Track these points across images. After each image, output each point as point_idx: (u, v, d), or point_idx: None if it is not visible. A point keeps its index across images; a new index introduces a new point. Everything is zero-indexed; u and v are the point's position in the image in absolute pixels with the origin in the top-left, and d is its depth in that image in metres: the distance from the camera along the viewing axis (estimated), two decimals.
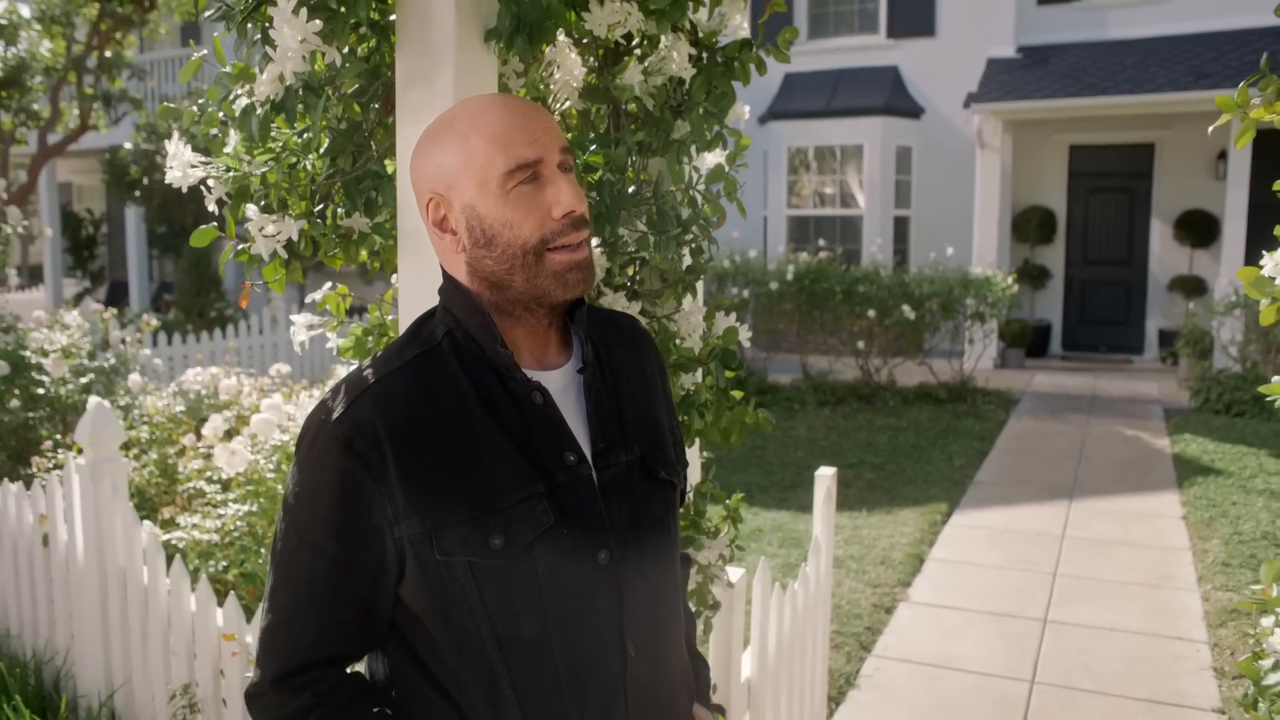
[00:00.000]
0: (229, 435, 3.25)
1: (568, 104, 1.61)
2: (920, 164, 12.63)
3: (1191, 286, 11.72)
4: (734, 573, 2.28)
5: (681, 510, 1.96)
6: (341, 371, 3.28)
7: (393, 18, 1.42)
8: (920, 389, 9.81)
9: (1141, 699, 3.75)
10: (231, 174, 1.46)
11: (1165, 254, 12.14)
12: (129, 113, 8.92)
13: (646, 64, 1.66)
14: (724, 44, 1.86)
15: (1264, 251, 1.72)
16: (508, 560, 1.14)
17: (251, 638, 2.35)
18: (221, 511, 2.86)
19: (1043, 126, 12.03)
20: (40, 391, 4.27)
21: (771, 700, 2.57)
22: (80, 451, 3.00)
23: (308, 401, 3.19)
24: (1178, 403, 9.33)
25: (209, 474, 3.18)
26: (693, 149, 1.80)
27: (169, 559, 2.82)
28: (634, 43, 1.67)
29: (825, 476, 3.12)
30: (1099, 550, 5.35)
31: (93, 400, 3.06)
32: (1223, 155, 11.22)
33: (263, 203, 1.46)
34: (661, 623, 1.29)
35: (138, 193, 10.21)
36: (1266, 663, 1.56)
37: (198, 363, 6.05)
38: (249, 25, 1.31)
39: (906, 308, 9.32)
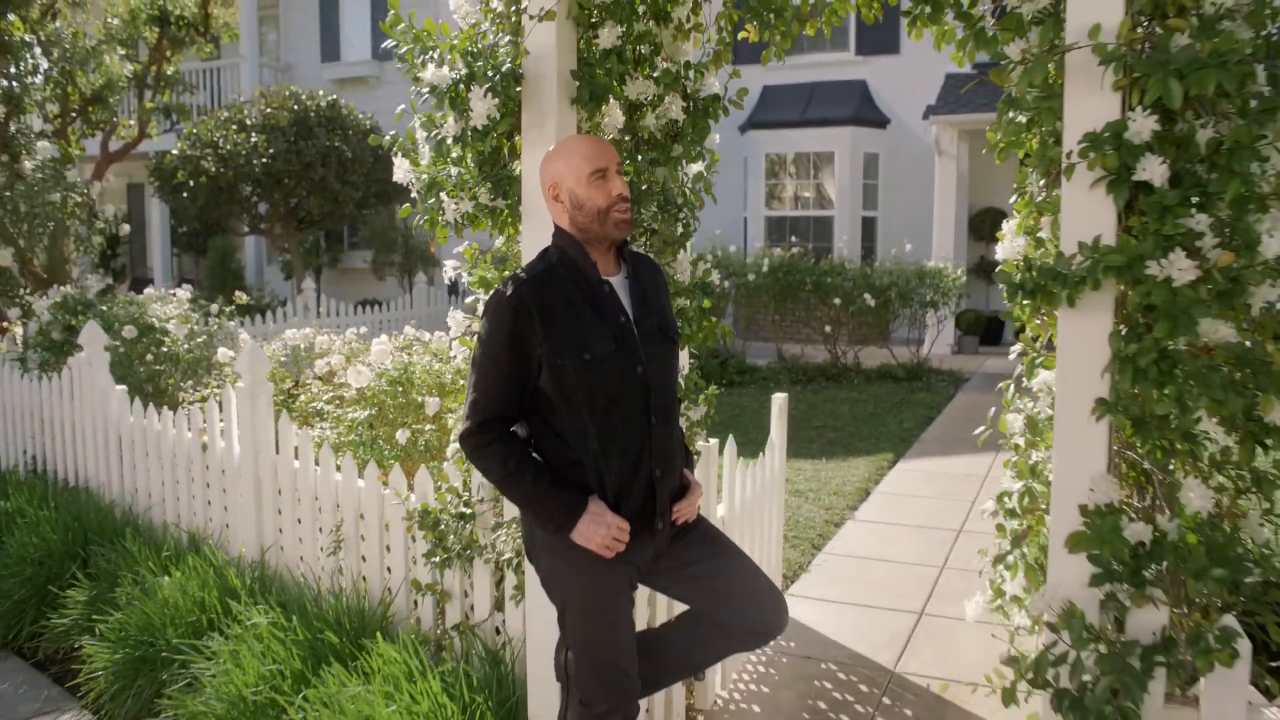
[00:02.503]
0: (346, 366, 4.40)
1: (611, 136, 2.76)
2: (886, 169, 13.85)
3: None
4: (712, 442, 3.44)
5: (681, 388, 3.11)
6: (434, 334, 4.44)
7: (519, 89, 2.57)
8: (882, 369, 11.02)
9: None
10: (425, 176, 2.62)
11: None
12: (179, 123, 10.02)
13: (656, 112, 2.82)
14: (704, 96, 3.03)
15: None
16: (592, 366, 2.29)
17: (388, 490, 3.49)
18: (354, 415, 4.00)
19: None
20: (163, 350, 5.39)
21: (738, 537, 3.73)
22: (238, 380, 4.13)
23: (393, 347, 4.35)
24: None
25: (328, 394, 4.31)
26: (684, 162, 2.96)
27: (315, 450, 3.95)
28: (649, 99, 2.83)
29: (779, 398, 4.29)
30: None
31: (222, 350, 4.19)
32: None
33: (443, 192, 2.61)
34: (668, 414, 2.45)
35: (185, 194, 11.34)
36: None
37: (292, 326, 7.18)
38: (448, 99, 2.45)
39: (868, 295, 10.52)
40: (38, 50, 8.02)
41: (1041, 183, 2.27)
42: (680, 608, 2.64)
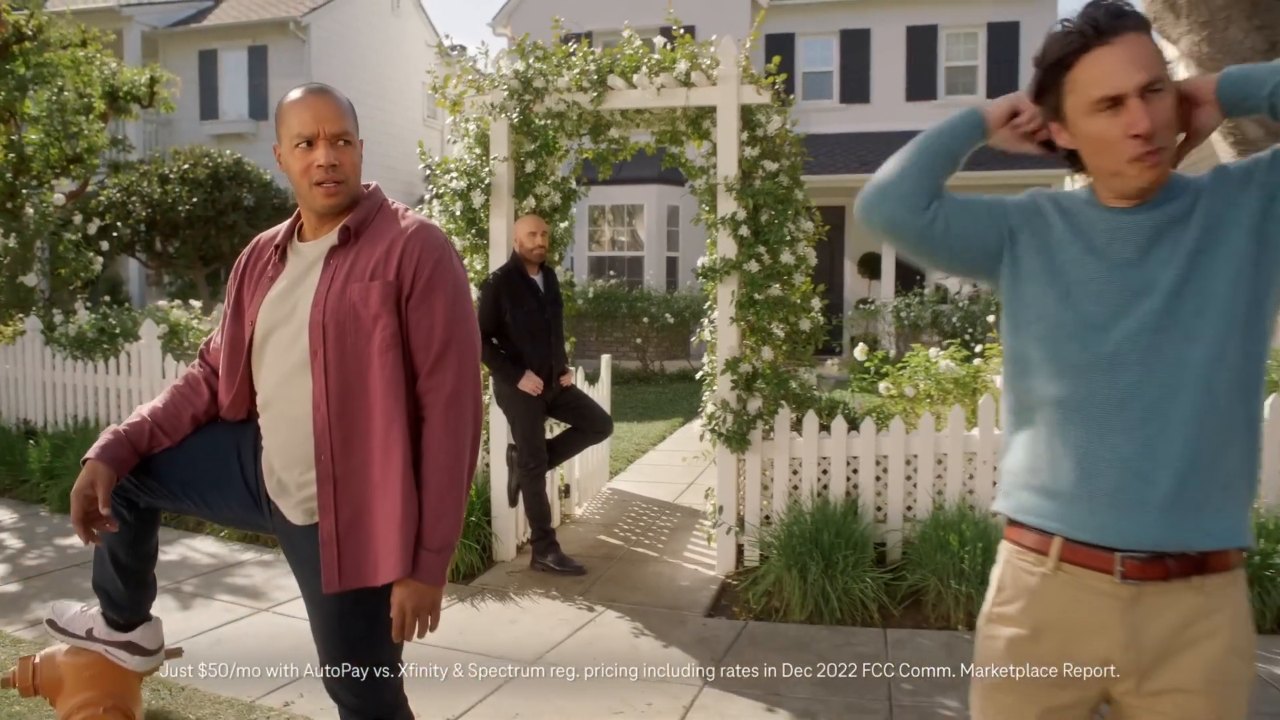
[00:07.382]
0: None
1: (529, 211, 5.80)
2: (685, 218, 17.34)
3: (868, 304, 16.91)
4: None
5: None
6: None
7: (490, 189, 5.55)
8: (681, 373, 14.35)
9: None
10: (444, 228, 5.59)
11: (854, 284, 17.34)
12: (112, 176, 12.24)
13: (548, 200, 5.88)
14: (569, 189, 6.12)
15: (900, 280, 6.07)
16: (526, 314, 5.32)
17: None
18: None
19: None
20: (189, 341, 7.92)
21: None
22: None
23: None
24: (843, 376, 14.26)
25: None
26: (559, 223, 6.04)
27: None
28: (545, 194, 5.87)
29: (605, 357, 7.40)
30: None
31: None
32: None
33: (454, 236, 5.56)
34: (560, 338, 5.51)
35: (114, 234, 13.56)
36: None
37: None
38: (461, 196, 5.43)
39: (669, 315, 13.85)
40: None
41: (715, 234, 5.45)
42: (561, 431, 5.67)
